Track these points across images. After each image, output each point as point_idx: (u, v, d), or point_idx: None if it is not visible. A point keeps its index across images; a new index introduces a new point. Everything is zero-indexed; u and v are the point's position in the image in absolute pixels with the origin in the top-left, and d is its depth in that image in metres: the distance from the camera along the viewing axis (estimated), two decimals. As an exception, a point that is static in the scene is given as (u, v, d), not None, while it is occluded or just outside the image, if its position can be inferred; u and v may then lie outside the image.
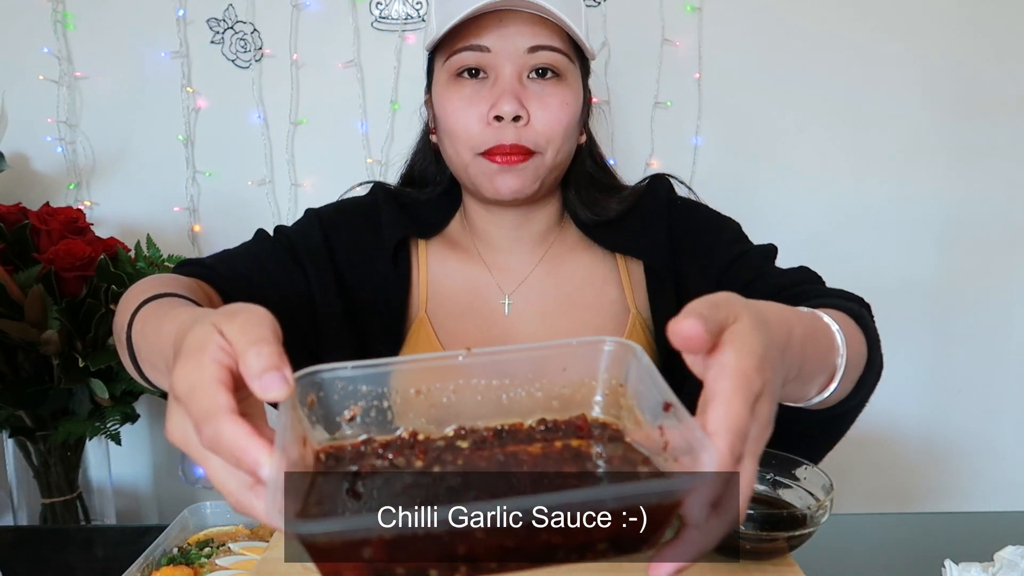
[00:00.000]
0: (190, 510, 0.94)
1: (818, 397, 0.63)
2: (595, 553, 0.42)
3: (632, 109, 1.76)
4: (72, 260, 1.37)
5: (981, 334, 1.88)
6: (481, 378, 0.51)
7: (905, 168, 1.81)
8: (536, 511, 0.38)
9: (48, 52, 1.68)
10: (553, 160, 0.93)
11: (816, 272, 0.93)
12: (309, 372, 0.48)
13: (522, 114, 0.88)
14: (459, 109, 0.91)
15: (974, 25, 1.75)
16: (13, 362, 1.38)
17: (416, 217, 1.04)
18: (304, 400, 0.48)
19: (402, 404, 0.51)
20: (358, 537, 0.38)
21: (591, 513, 0.40)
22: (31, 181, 1.73)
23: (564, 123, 0.91)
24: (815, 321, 0.62)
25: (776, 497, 0.72)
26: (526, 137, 0.89)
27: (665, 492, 0.41)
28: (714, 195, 1.12)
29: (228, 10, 1.69)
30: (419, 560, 0.40)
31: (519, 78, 0.89)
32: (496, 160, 0.90)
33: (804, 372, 0.58)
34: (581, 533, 0.40)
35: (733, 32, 1.74)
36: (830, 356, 0.62)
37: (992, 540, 0.73)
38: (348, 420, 0.50)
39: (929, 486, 1.95)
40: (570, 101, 0.91)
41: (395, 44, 1.72)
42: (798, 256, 1.83)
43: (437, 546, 0.39)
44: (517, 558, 0.41)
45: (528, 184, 0.92)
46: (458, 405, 0.51)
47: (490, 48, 0.89)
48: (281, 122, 1.74)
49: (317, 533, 0.37)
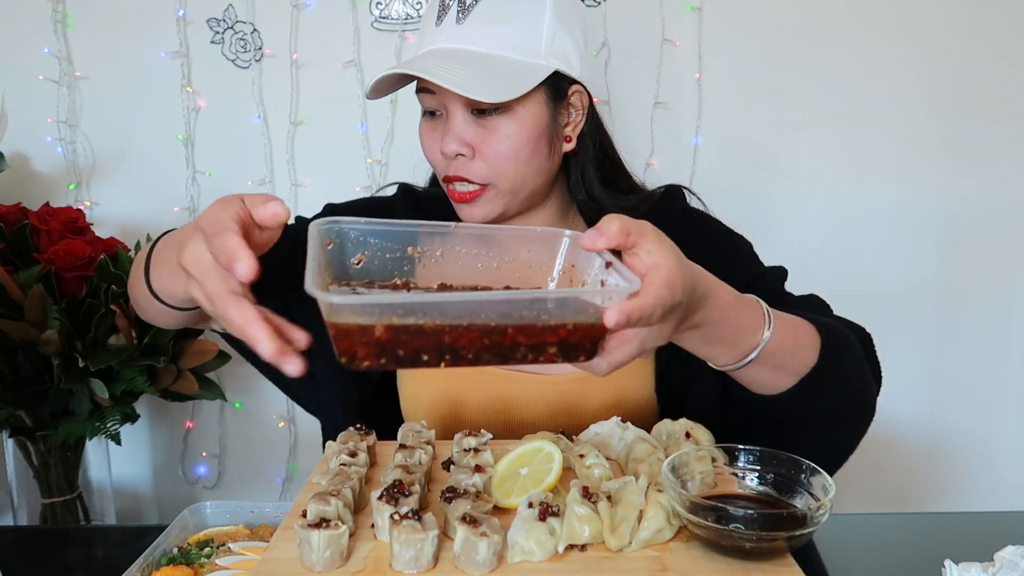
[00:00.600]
0: (190, 510, 0.94)
1: (733, 365, 0.74)
2: (547, 356, 0.57)
3: (632, 109, 1.76)
4: (72, 260, 1.37)
5: (981, 334, 1.88)
6: (463, 247, 0.67)
7: (905, 168, 1.81)
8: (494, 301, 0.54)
9: (48, 52, 1.68)
10: (510, 187, 0.96)
11: (825, 301, 0.98)
12: (331, 221, 0.63)
13: (464, 151, 0.93)
14: (426, 142, 0.99)
15: (975, 26, 1.75)
16: (13, 362, 1.38)
17: (433, 214, 1.07)
18: (324, 241, 0.62)
19: (400, 259, 0.66)
20: (370, 322, 0.51)
21: (542, 316, 0.55)
22: (31, 181, 1.73)
23: (509, 154, 0.94)
24: (751, 302, 0.74)
25: (776, 497, 0.72)
26: (472, 171, 0.94)
27: (587, 300, 0.58)
28: (714, 195, 1.12)
29: (228, 10, 1.69)
30: (414, 345, 0.53)
31: (464, 116, 0.94)
32: (453, 195, 0.97)
33: (721, 332, 0.71)
34: (536, 334, 0.55)
35: (733, 32, 1.74)
36: (754, 332, 0.73)
37: (992, 540, 0.73)
38: (356, 264, 0.65)
39: (929, 486, 1.95)
40: (514, 132, 0.93)
41: (395, 44, 1.72)
42: (798, 256, 1.84)
43: (427, 336, 0.53)
44: (488, 351, 0.55)
45: (488, 211, 0.97)
46: (442, 266, 0.67)
47: (434, 91, 0.94)
48: (281, 122, 1.74)
49: (344, 305, 0.51)
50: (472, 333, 0.54)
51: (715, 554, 0.66)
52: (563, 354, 0.57)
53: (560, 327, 0.56)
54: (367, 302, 0.52)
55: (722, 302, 0.69)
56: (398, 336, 0.52)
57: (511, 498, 0.72)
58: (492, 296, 0.56)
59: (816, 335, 0.80)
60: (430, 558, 0.63)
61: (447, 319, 0.53)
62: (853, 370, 0.84)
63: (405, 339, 0.53)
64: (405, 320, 0.52)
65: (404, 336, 0.52)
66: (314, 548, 0.62)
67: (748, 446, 0.75)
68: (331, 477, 0.74)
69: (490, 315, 0.54)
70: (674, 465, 0.70)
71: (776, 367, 0.77)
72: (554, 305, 0.56)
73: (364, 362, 0.53)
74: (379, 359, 0.53)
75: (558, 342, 0.56)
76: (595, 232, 0.60)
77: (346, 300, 0.51)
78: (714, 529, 0.64)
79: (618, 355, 0.59)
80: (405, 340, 0.53)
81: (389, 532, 0.64)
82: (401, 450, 0.80)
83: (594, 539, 0.66)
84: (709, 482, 0.73)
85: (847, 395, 0.84)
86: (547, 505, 0.67)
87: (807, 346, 0.79)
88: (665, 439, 0.85)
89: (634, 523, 0.67)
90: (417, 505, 0.68)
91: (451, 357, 0.54)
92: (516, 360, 0.56)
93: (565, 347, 0.57)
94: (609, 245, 0.60)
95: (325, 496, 0.68)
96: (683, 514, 0.66)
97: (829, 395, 0.81)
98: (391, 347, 0.53)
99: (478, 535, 0.62)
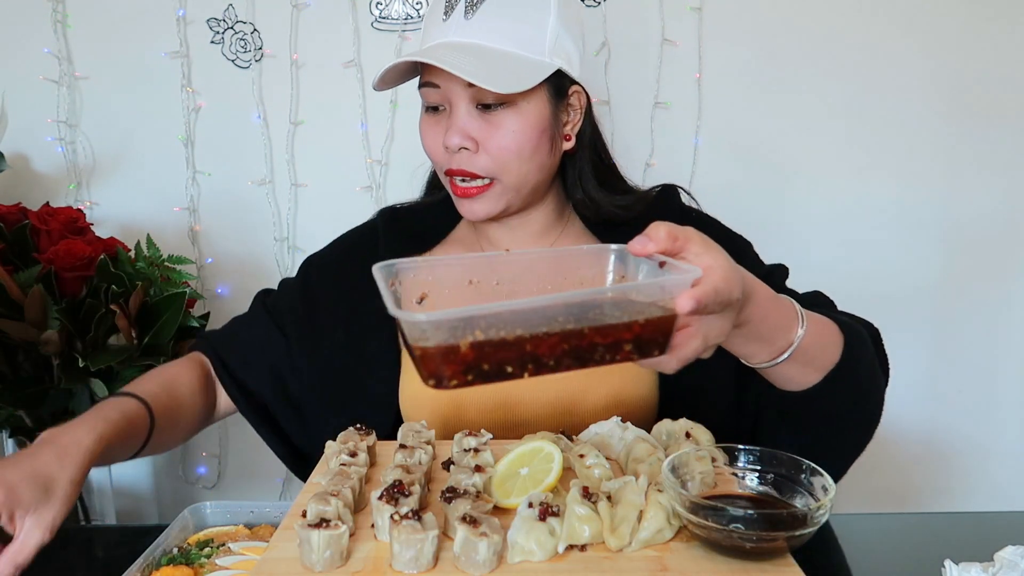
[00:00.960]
0: (190, 510, 0.94)
1: (769, 363, 0.76)
2: (624, 354, 0.58)
3: (632, 109, 1.76)
4: (72, 260, 1.37)
5: (981, 334, 1.88)
6: (518, 272, 0.68)
7: (906, 168, 1.81)
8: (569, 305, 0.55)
9: (48, 52, 1.68)
10: (514, 181, 0.97)
11: (829, 297, 1.00)
12: (388, 264, 0.64)
13: (468, 145, 0.94)
14: (427, 136, 0.99)
15: (976, 26, 1.75)
16: (13, 362, 1.38)
17: (418, 232, 1.11)
18: (388, 283, 0.63)
19: (459, 291, 0.68)
20: (454, 341, 0.52)
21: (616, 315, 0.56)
22: (31, 181, 1.73)
23: (514, 149, 0.95)
24: (784, 301, 0.75)
25: (776, 497, 0.72)
26: (476, 164, 0.95)
27: (660, 287, 0.59)
28: (714, 195, 1.12)
29: (228, 10, 1.69)
30: (499, 358, 0.54)
31: (468, 110, 0.95)
32: (456, 190, 0.97)
33: (761, 331, 0.72)
34: (611, 332, 0.56)
35: (733, 32, 1.74)
36: (789, 330, 0.74)
37: (992, 540, 0.73)
38: (419, 302, 0.67)
39: (929, 486, 1.95)
40: (518, 127, 0.95)
41: (395, 44, 1.72)
42: (798, 255, 1.84)
43: (510, 348, 0.54)
44: (568, 356, 0.56)
45: (490, 208, 0.98)
46: (500, 294, 0.68)
47: (439, 85, 0.95)
48: (281, 122, 1.74)
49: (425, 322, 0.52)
50: (552, 339, 0.55)
51: (715, 554, 0.66)
52: (638, 350, 0.58)
53: (634, 323, 0.57)
54: (452, 316, 0.52)
55: (763, 300, 0.71)
56: (483, 351, 0.53)
57: (511, 498, 0.72)
58: (575, 296, 0.57)
59: (839, 333, 0.83)
60: (430, 558, 0.63)
61: (528, 328, 0.54)
62: (868, 366, 0.87)
63: (489, 352, 0.54)
64: (488, 334, 0.53)
65: (488, 350, 0.53)
66: (314, 548, 0.62)
67: (748, 446, 0.75)
68: (331, 477, 0.74)
69: (567, 319, 0.55)
70: (674, 465, 0.70)
71: (806, 364, 0.79)
72: (625, 302, 0.58)
73: (452, 381, 0.54)
74: (466, 376, 0.54)
75: (633, 338, 0.58)
76: (644, 238, 0.63)
77: (432, 317, 0.52)
78: (714, 529, 0.64)
79: (685, 351, 0.61)
80: (489, 354, 0.54)
81: (389, 532, 0.64)
82: (401, 450, 0.80)
83: (594, 539, 0.66)
84: (709, 482, 0.73)
85: (864, 389, 0.87)
86: (547, 505, 0.67)
87: (832, 343, 0.82)
88: (665, 439, 0.86)
89: (634, 523, 0.67)
90: (417, 505, 0.68)
91: (534, 366, 0.56)
92: (594, 362, 0.57)
93: (640, 343, 0.58)
94: (658, 249, 0.62)
95: (325, 496, 0.68)
96: (683, 514, 0.66)
97: (849, 390, 0.83)
98: (476, 363, 0.54)
99: (478, 535, 0.62)
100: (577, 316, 0.55)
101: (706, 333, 0.62)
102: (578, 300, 0.57)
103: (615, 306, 0.58)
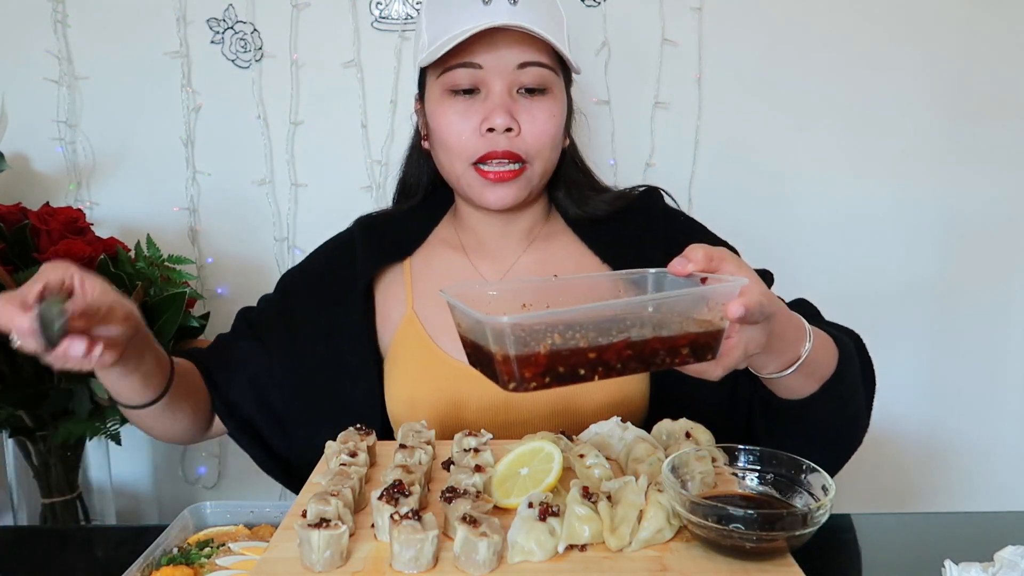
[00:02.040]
0: (190, 510, 0.94)
1: (777, 374, 0.79)
2: (681, 357, 0.62)
3: (632, 109, 1.76)
4: (72, 260, 1.37)
5: (981, 334, 1.88)
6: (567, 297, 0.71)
7: (906, 169, 1.81)
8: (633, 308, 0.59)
9: (48, 52, 1.68)
10: (542, 168, 1.00)
11: (814, 305, 1.03)
12: (449, 287, 0.67)
13: (513, 126, 0.95)
14: (453, 123, 0.97)
15: (976, 26, 1.75)
16: (13, 362, 1.38)
17: (396, 239, 1.11)
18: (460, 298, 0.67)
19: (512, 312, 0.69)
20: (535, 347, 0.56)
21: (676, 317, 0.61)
22: (31, 181, 1.73)
23: (551, 134, 0.98)
24: (794, 316, 0.79)
25: (776, 497, 0.72)
26: (517, 146, 0.96)
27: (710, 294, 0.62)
28: (714, 195, 1.13)
29: (228, 10, 1.69)
30: (573, 362, 0.58)
31: (509, 92, 0.95)
32: (488, 176, 0.96)
33: (776, 345, 0.74)
34: (670, 340, 0.60)
35: (733, 32, 1.74)
36: (799, 344, 0.78)
37: (992, 540, 0.73)
38: None
39: (929, 486, 1.95)
40: (556, 113, 0.98)
41: (395, 44, 1.72)
42: (797, 256, 1.84)
43: (582, 353, 0.58)
44: (633, 360, 0.60)
45: (518, 194, 0.99)
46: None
47: (482, 65, 0.94)
48: (281, 122, 1.74)
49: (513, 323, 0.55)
50: (618, 344, 0.59)
51: (715, 554, 0.66)
52: (694, 354, 0.63)
53: (690, 332, 0.61)
54: (533, 319, 0.57)
55: (782, 316, 0.74)
56: (559, 356, 0.57)
57: (511, 498, 0.72)
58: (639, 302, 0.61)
59: (833, 345, 0.86)
60: (430, 558, 0.63)
61: (598, 333, 0.58)
62: (855, 375, 0.90)
63: (564, 356, 0.58)
64: (565, 340, 0.57)
65: (565, 353, 0.57)
66: (314, 548, 0.62)
67: (748, 446, 0.75)
68: (331, 477, 0.74)
69: (633, 324, 0.59)
70: (674, 465, 0.70)
71: (809, 375, 0.83)
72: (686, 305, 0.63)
73: (531, 383, 0.58)
74: (544, 379, 0.58)
75: (689, 343, 0.62)
76: (683, 259, 0.67)
77: (515, 319, 0.56)
78: (714, 529, 0.64)
79: (729, 359, 0.66)
80: (565, 358, 0.58)
81: (389, 532, 0.64)
82: (401, 450, 0.80)
83: (594, 539, 0.66)
84: (709, 482, 0.73)
85: (852, 398, 0.91)
86: (547, 505, 0.67)
87: (830, 355, 0.86)
88: (665, 439, 0.86)
89: (634, 523, 0.67)
90: (417, 505, 0.68)
91: (603, 369, 0.60)
92: (656, 365, 0.61)
93: (696, 347, 0.62)
94: (697, 268, 0.67)
95: (325, 496, 0.68)
96: (683, 514, 0.66)
97: (840, 397, 0.87)
98: (553, 366, 0.58)
99: (478, 535, 0.62)
100: (642, 321, 0.60)
101: (747, 343, 0.66)
102: (640, 304, 0.60)
103: (674, 313, 0.62)
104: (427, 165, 1.12)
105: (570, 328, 0.58)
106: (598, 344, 0.58)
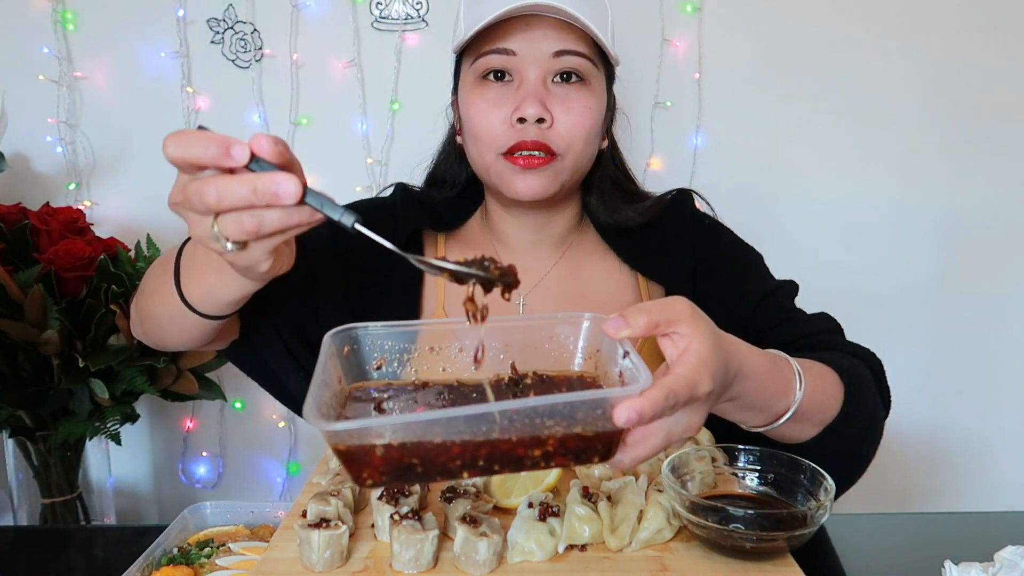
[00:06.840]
0: (190, 510, 0.94)
1: (765, 427, 0.72)
2: (558, 461, 0.53)
3: (632, 109, 1.76)
4: (72, 260, 1.37)
5: (981, 334, 1.88)
6: (483, 339, 0.62)
7: (906, 169, 1.81)
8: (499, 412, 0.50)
9: (48, 52, 1.68)
10: (574, 163, 0.94)
11: (836, 321, 0.96)
12: (346, 328, 0.62)
13: (545, 117, 0.89)
14: (483, 111, 0.92)
15: (975, 26, 1.75)
16: (13, 362, 1.38)
17: (433, 213, 1.05)
18: (341, 350, 0.62)
19: (419, 358, 0.65)
20: (370, 442, 0.49)
21: (548, 421, 0.51)
22: (31, 181, 1.73)
23: (586, 127, 0.92)
24: (781, 364, 0.71)
25: (776, 497, 0.72)
26: (548, 138, 0.90)
27: (594, 401, 0.52)
28: (714, 195, 1.12)
29: (228, 10, 1.69)
30: (425, 463, 0.50)
31: (543, 82, 0.91)
32: (518, 162, 0.91)
33: (755, 401, 0.68)
34: (537, 444, 0.51)
35: (733, 32, 1.74)
36: (787, 395, 0.70)
37: (992, 540, 0.73)
38: (376, 368, 0.64)
39: (929, 486, 1.94)
40: (593, 106, 0.92)
41: (395, 44, 1.72)
42: (798, 256, 1.83)
43: (428, 452, 0.50)
44: (497, 462, 0.51)
45: (548, 185, 0.93)
46: (464, 360, 0.64)
47: (516, 52, 0.90)
48: (281, 122, 1.74)
49: (340, 431, 0.48)
50: (474, 445, 0.51)
51: (715, 554, 0.66)
52: (574, 458, 0.54)
53: (565, 434, 0.52)
54: (365, 426, 0.49)
55: (756, 372, 0.66)
56: (400, 456, 0.50)
57: (511, 498, 0.72)
58: (489, 408, 0.50)
59: (839, 383, 0.79)
60: (430, 558, 0.63)
61: (451, 434, 0.50)
62: (869, 410, 0.84)
63: (406, 457, 0.50)
64: (406, 439, 0.49)
65: (400, 455, 0.50)
66: (314, 548, 0.62)
67: (748, 446, 0.75)
68: (331, 477, 0.74)
69: (491, 428, 0.50)
70: (674, 465, 0.70)
71: (804, 422, 0.75)
72: (561, 410, 0.52)
73: (368, 481, 0.51)
74: (382, 477, 0.51)
75: (564, 449, 0.52)
76: (620, 321, 0.57)
77: (343, 426, 0.48)
78: (714, 529, 0.64)
79: (639, 450, 0.55)
80: (406, 458, 0.50)
81: (389, 532, 0.64)
82: (401, 450, 0.79)
83: (594, 539, 0.66)
84: (709, 482, 0.73)
85: (863, 436, 0.84)
86: (547, 505, 0.67)
87: (832, 397, 0.78)
88: (665, 439, 0.85)
89: (634, 523, 0.67)
90: (417, 505, 0.68)
91: (467, 471, 0.52)
92: (527, 468, 0.53)
93: (575, 452, 0.53)
94: (633, 335, 0.57)
95: (325, 496, 0.68)
96: (683, 514, 0.66)
97: (847, 438, 0.80)
98: (393, 466, 0.51)
99: (478, 535, 0.62)
100: (503, 427, 0.50)
101: (670, 430, 0.56)
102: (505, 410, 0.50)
103: (551, 413, 0.52)
104: (460, 162, 1.06)
105: (413, 430, 0.50)
106: (449, 445, 0.50)
